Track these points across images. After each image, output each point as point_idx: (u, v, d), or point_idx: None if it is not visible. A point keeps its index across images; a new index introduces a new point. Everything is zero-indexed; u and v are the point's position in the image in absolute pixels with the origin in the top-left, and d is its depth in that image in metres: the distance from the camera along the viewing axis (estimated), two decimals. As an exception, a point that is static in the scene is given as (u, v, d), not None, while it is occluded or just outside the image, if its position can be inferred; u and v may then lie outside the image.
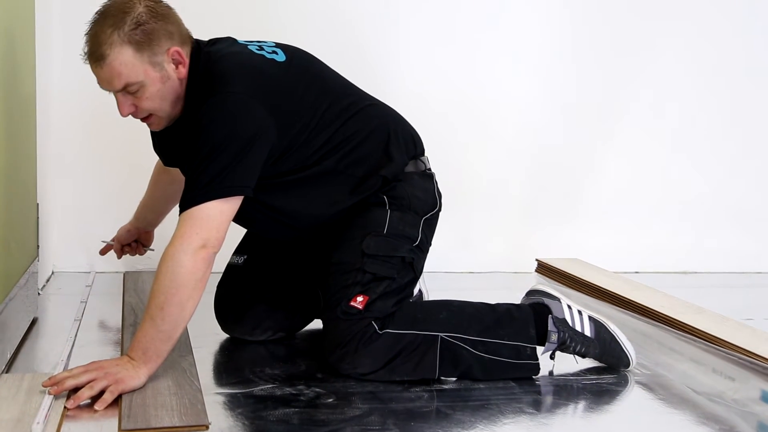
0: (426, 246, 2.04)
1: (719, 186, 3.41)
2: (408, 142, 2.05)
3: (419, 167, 2.06)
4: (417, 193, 2.01)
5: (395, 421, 1.65)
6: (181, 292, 1.68)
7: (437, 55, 3.07)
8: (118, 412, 1.60)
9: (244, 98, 1.76)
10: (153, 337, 1.69)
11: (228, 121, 1.74)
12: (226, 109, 1.75)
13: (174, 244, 1.70)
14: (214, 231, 1.72)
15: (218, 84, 1.77)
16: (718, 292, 3.12)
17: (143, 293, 2.51)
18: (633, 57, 3.24)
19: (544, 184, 3.24)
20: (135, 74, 1.75)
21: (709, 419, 1.77)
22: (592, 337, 1.98)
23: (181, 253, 1.69)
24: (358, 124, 1.97)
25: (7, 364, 1.85)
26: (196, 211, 1.71)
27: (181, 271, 1.68)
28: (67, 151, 2.80)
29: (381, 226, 1.94)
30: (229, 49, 1.88)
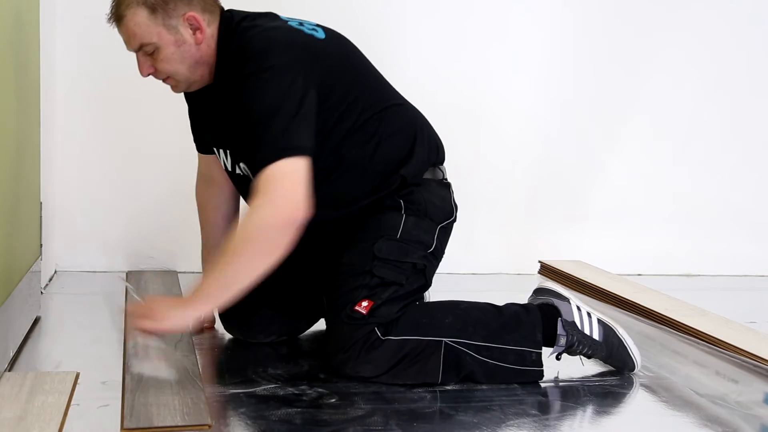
0: (440, 254, 2.02)
1: (723, 189, 3.41)
2: (432, 147, 2.06)
3: (437, 175, 2.06)
4: (434, 200, 2.00)
5: (398, 422, 1.65)
6: (255, 245, 1.68)
7: (441, 59, 3.07)
8: (120, 410, 1.60)
9: (285, 70, 1.77)
10: (215, 284, 1.70)
11: (274, 91, 1.74)
12: (270, 81, 1.75)
13: (254, 202, 1.69)
14: (296, 191, 1.69)
15: (258, 57, 1.78)
16: (722, 295, 3.11)
17: (146, 292, 2.51)
18: (639, 60, 3.24)
19: (547, 186, 3.24)
20: (149, 36, 1.80)
21: (712, 422, 1.76)
22: (600, 341, 1.97)
23: (260, 209, 1.68)
24: (389, 119, 1.97)
25: (9, 363, 1.85)
26: (272, 169, 1.68)
27: (258, 225, 1.67)
28: (71, 150, 2.80)
29: (395, 230, 1.93)
30: (270, 23, 1.89)
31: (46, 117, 2.43)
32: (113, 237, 2.86)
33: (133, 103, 2.81)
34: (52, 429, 1.48)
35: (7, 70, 1.82)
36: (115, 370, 1.85)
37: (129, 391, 1.70)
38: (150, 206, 2.88)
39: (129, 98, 2.80)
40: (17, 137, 1.93)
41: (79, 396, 1.68)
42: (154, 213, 2.88)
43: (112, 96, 2.81)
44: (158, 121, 2.83)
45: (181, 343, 2.02)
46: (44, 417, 1.53)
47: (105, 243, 2.86)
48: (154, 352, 1.83)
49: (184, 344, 2.01)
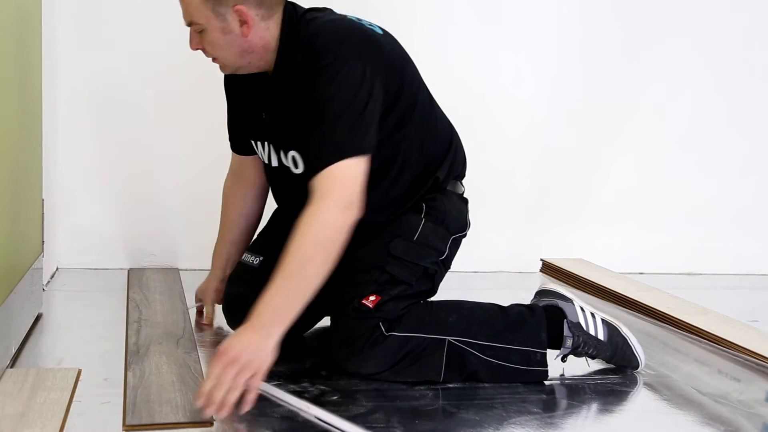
0: (449, 264, 2.04)
1: (725, 188, 3.41)
2: (460, 159, 2.09)
3: (458, 189, 2.08)
4: (453, 211, 2.02)
5: (400, 420, 1.65)
6: (325, 251, 1.65)
7: (443, 56, 3.06)
8: (122, 407, 1.60)
9: (357, 63, 1.78)
10: (288, 297, 1.62)
11: (347, 86, 1.76)
12: (345, 74, 1.76)
13: (319, 203, 1.67)
14: (356, 193, 1.71)
15: (330, 50, 1.78)
16: (724, 294, 3.11)
17: (147, 290, 2.51)
18: (641, 58, 3.23)
19: (549, 184, 3.23)
20: (198, 16, 1.80)
21: (714, 420, 1.76)
22: (605, 341, 1.97)
23: (327, 211, 1.67)
24: (434, 120, 2.02)
25: (11, 360, 1.85)
26: (336, 169, 1.70)
27: (326, 231, 1.66)
28: (73, 147, 2.80)
29: (412, 231, 1.94)
30: (332, 16, 1.90)
31: (48, 114, 2.43)
32: (115, 234, 2.86)
33: (135, 101, 2.81)
34: (54, 426, 1.48)
35: (9, 67, 1.82)
36: (117, 366, 1.85)
37: (131, 387, 1.70)
38: (152, 203, 2.88)
39: (131, 96, 2.80)
40: (19, 134, 1.93)
41: (81, 393, 1.68)
42: (156, 210, 2.87)
43: (115, 93, 2.80)
44: (161, 119, 2.83)
45: (183, 340, 2.02)
46: (46, 413, 1.53)
47: (107, 240, 2.86)
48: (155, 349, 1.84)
49: (186, 341, 2.01)
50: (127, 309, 2.30)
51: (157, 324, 2.16)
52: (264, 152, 2.00)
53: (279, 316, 1.61)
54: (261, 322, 1.60)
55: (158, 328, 2.13)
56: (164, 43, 2.72)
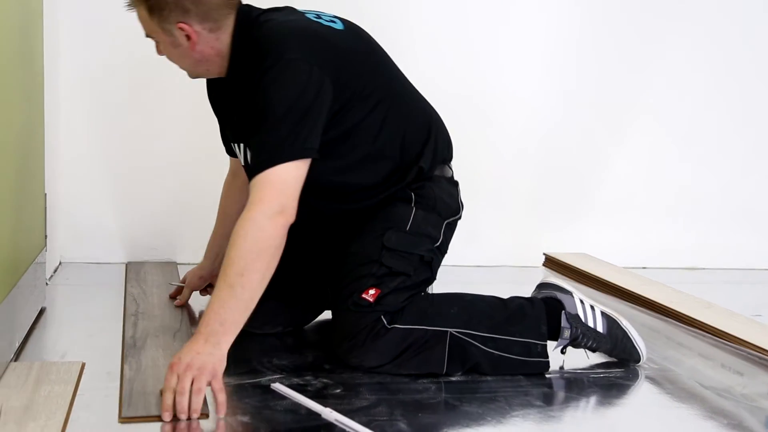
0: (445, 249, 2.04)
1: (728, 183, 3.40)
2: (444, 143, 2.07)
3: (446, 173, 2.07)
4: (443, 196, 2.01)
5: (403, 412, 1.65)
6: (263, 258, 1.64)
7: (444, 50, 3.06)
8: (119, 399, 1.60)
9: (302, 63, 1.77)
10: (232, 307, 1.61)
11: (290, 86, 1.75)
12: (288, 75, 1.76)
13: (252, 209, 1.67)
14: (290, 198, 1.70)
15: (275, 50, 1.78)
16: (727, 289, 3.11)
17: (145, 283, 2.51)
18: (643, 54, 3.23)
19: (552, 178, 3.23)
20: (150, 30, 1.86)
21: (716, 414, 1.76)
22: (605, 333, 1.97)
23: (261, 216, 1.66)
24: (405, 113, 1.99)
25: (15, 353, 1.86)
26: (272, 175, 1.69)
27: (262, 236, 1.65)
28: (76, 142, 2.80)
29: (404, 222, 1.94)
30: (286, 17, 1.90)
31: (50, 109, 2.43)
32: (117, 228, 2.86)
33: (137, 97, 2.81)
34: (58, 418, 1.49)
35: (11, 62, 1.82)
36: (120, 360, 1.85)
37: (127, 380, 1.70)
38: (155, 198, 2.88)
39: (133, 91, 2.80)
40: (21, 129, 1.94)
41: (84, 386, 1.68)
42: (159, 204, 2.88)
43: (117, 88, 2.81)
44: (162, 115, 2.83)
45: (180, 333, 2.02)
46: (50, 406, 1.54)
47: (109, 234, 2.86)
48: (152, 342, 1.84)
49: (183, 334, 2.01)
50: (125, 303, 2.30)
51: (154, 317, 2.17)
52: (240, 154, 2.00)
53: (224, 327, 1.61)
54: (208, 332, 1.60)
55: (155, 321, 2.14)
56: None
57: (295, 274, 2.09)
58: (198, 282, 2.30)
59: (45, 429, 1.44)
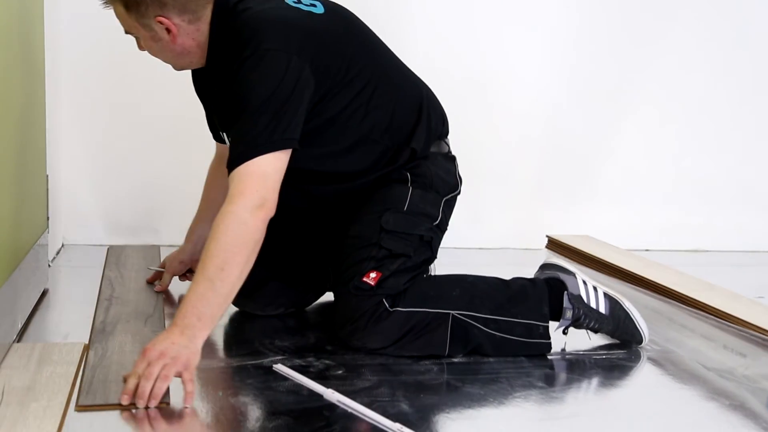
0: (444, 227, 2.03)
1: (732, 164, 3.39)
2: (438, 120, 2.05)
3: (443, 148, 2.05)
4: (440, 173, 2.00)
5: (405, 394, 1.65)
6: (243, 252, 1.62)
7: (448, 31, 3.05)
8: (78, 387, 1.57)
9: (280, 53, 1.75)
10: (210, 301, 1.59)
11: (268, 77, 1.73)
12: (265, 65, 1.74)
13: (234, 202, 1.64)
14: (271, 191, 1.68)
15: (252, 41, 1.76)
16: (730, 271, 3.10)
17: (124, 267, 2.47)
18: (648, 36, 3.21)
19: (555, 160, 3.22)
20: (129, 26, 1.84)
21: (719, 395, 1.76)
22: (607, 314, 1.97)
23: (242, 210, 1.64)
24: (394, 92, 1.96)
25: (18, 334, 1.86)
26: (251, 167, 1.67)
27: (244, 230, 1.63)
28: (78, 124, 2.80)
29: (402, 202, 1.93)
30: (262, 5, 1.87)
31: (51, 90, 2.42)
32: (120, 211, 2.87)
33: (139, 77, 2.80)
34: (60, 399, 1.49)
35: (11, 43, 1.81)
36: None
37: (90, 366, 1.66)
38: (157, 180, 2.88)
39: (136, 72, 2.78)
40: (22, 111, 1.93)
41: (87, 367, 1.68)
42: (161, 187, 2.88)
43: (119, 70, 2.80)
44: (165, 98, 2.82)
45: (152, 318, 2.00)
46: (52, 387, 1.54)
47: (112, 217, 2.86)
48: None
49: (155, 320, 1.98)
50: (100, 286, 2.27)
51: (128, 302, 2.13)
52: (227, 142, 1.98)
53: (202, 321, 1.58)
54: (185, 325, 1.58)
55: (129, 306, 2.09)
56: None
57: (295, 256, 2.09)
58: (179, 267, 2.24)
59: (47, 410, 1.44)
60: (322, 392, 1.60)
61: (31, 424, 1.38)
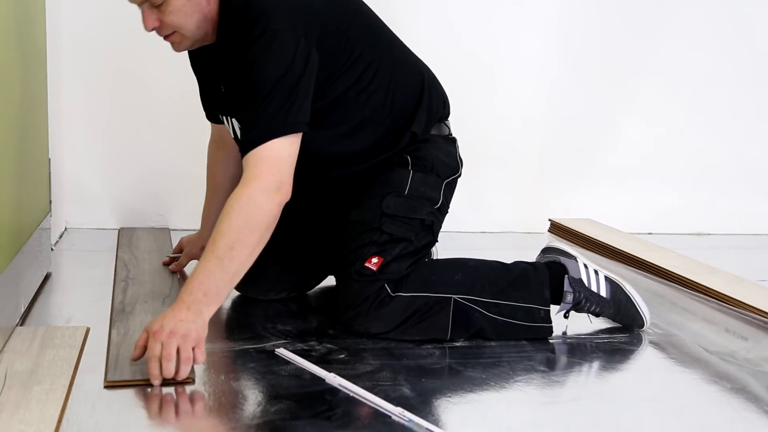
0: (445, 209, 2.03)
1: (735, 148, 3.38)
2: (438, 102, 2.04)
3: (443, 131, 2.05)
4: (440, 155, 2.00)
5: (406, 377, 1.65)
6: (255, 234, 1.64)
7: (452, 15, 3.03)
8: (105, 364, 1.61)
9: (288, 34, 1.73)
10: (217, 279, 1.61)
11: (278, 59, 1.72)
12: (275, 47, 1.72)
13: (249, 185, 1.65)
14: (286, 175, 1.69)
15: (261, 20, 1.74)
16: (733, 254, 3.10)
17: (137, 249, 2.50)
18: (652, 17, 3.19)
19: (558, 144, 3.21)
20: None
21: (720, 378, 1.76)
22: (608, 298, 1.97)
23: (258, 193, 1.64)
24: (396, 74, 1.95)
25: (21, 318, 1.86)
26: (266, 150, 1.68)
27: (257, 212, 1.64)
28: (80, 107, 2.79)
29: (402, 186, 1.93)
30: None
31: (53, 72, 2.42)
32: (123, 194, 2.87)
33: (141, 59, 2.79)
34: (62, 382, 1.50)
35: (11, 26, 1.80)
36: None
37: (114, 345, 1.69)
38: (160, 164, 2.87)
39: (138, 54, 2.78)
40: (23, 93, 1.93)
41: (89, 350, 1.69)
42: (164, 170, 2.87)
43: (121, 52, 2.79)
44: (168, 80, 2.81)
45: (169, 298, 2.02)
46: (55, 370, 1.54)
47: (115, 200, 2.86)
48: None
49: (172, 300, 1.99)
50: (115, 268, 2.29)
51: (144, 283, 2.16)
52: (229, 126, 1.97)
53: (208, 297, 1.60)
54: (191, 301, 1.59)
55: (145, 287, 2.12)
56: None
57: (296, 240, 2.09)
58: (199, 252, 2.20)
59: (50, 393, 1.44)
60: (324, 376, 1.61)
61: (33, 408, 1.38)
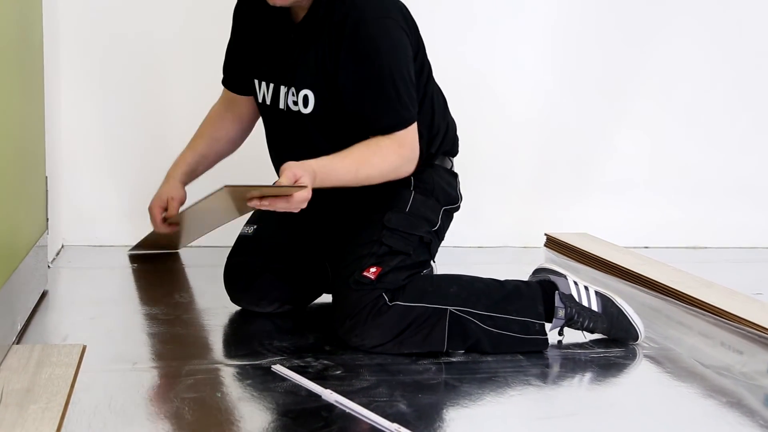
0: (442, 234, 2.07)
1: (730, 161, 3.38)
2: (451, 137, 2.15)
3: (446, 164, 2.11)
4: (442, 183, 2.06)
5: (403, 393, 1.66)
6: (381, 179, 1.92)
7: (446, 27, 3.05)
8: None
9: (401, 24, 1.93)
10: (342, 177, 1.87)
11: (398, 48, 1.90)
12: (394, 36, 1.90)
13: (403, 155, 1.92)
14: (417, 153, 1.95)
15: (365, 4, 1.88)
16: (728, 267, 3.10)
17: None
18: (645, 32, 3.20)
19: (553, 158, 3.22)
20: None
21: (716, 392, 1.77)
22: (600, 312, 1.98)
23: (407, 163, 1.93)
24: (433, 101, 2.07)
25: (17, 336, 1.86)
26: (404, 136, 1.91)
27: (395, 172, 1.93)
28: (77, 124, 2.80)
29: (404, 204, 1.98)
30: None
31: (50, 90, 2.42)
32: (120, 211, 2.86)
33: (139, 75, 2.81)
34: (59, 401, 1.49)
35: (9, 43, 1.81)
36: (122, 343, 1.86)
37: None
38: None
39: (135, 70, 2.80)
40: (21, 110, 1.93)
41: (85, 368, 1.69)
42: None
43: (118, 67, 2.80)
44: (166, 93, 2.82)
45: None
46: (51, 389, 1.54)
47: (112, 217, 2.86)
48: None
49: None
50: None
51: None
52: (269, 93, 2.03)
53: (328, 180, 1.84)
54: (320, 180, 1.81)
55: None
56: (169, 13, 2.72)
57: (291, 251, 2.10)
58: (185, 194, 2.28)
59: (46, 411, 1.44)
60: (321, 393, 1.61)
61: (29, 427, 1.38)
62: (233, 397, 1.61)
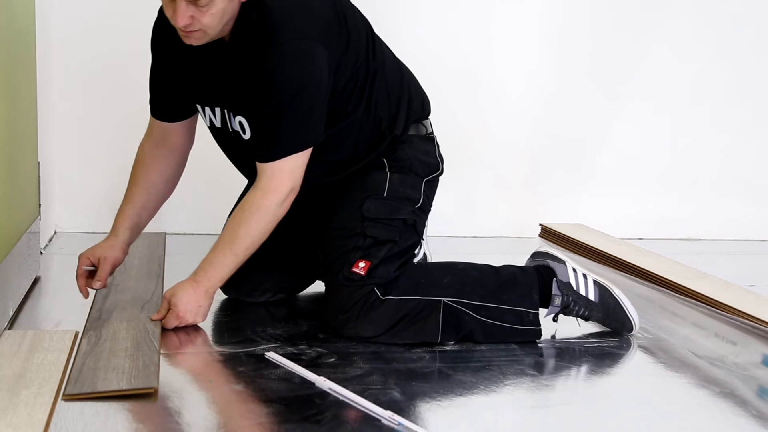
0: (427, 207, 2.03)
1: (725, 154, 3.39)
2: (417, 103, 2.05)
3: (420, 131, 2.05)
4: (418, 154, 2.01)
5: (396, 381, 1.65)
6: (267, 234, 1.86)
7: (442, 17, 3.04)
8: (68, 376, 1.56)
9: (309, 42, 1.79)
10: (231, 270, 1.87)
11: (300, 71, 1.78)
12: (297, 58, 1.77)
13: (268, 197, 1.82)
14: (298, 180, 1.85)
15: (280, 27, 1.77)
16: (722, 259, 3.11)
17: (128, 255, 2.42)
18: (642, 21, 3.20)
19: (549, 148, 3.22)
20: None
21: (709, 382, 1.77)
22: (596, 301, 1.97)
23: (276, 206, 1.83)
24: (379, 78, 1.96)
25: (9, 321, 1.86)
26: (283, 164, 1.82)
27: (273, 221, 1.85)
28: (69, 110, 2.79)
29: (381, 188, 1.94)
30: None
31: (43, 75, 2.41)
32: (113, 198, 2.83)
33: (134, 63, 2.78)
34: (50, 386, 1.49)
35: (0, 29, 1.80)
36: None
37: (81, 354, 1.64)
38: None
39: (128, 57, 2.78)
40: (11, 95, 1.92)
41: (78, 354, 1.68)
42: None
43: (112, 52, 2.79)
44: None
45: (149, 304, 1.99)
46: (43, 374, 1.54)
47: (105, 204, 2.83)
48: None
49: (152, 305, 1.97)
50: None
51: (127, 289, 2.10)
52: (216, 117, 1.94)
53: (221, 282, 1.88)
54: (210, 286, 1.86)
55: (127, 293, 2.07)
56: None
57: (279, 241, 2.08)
58: (122, 256, 1.99)
59: (37, 397, 1.44)
60: (314, 380, 1.61)
61: (21, 412, 1.38)
62: (226, 384, 1.60)
